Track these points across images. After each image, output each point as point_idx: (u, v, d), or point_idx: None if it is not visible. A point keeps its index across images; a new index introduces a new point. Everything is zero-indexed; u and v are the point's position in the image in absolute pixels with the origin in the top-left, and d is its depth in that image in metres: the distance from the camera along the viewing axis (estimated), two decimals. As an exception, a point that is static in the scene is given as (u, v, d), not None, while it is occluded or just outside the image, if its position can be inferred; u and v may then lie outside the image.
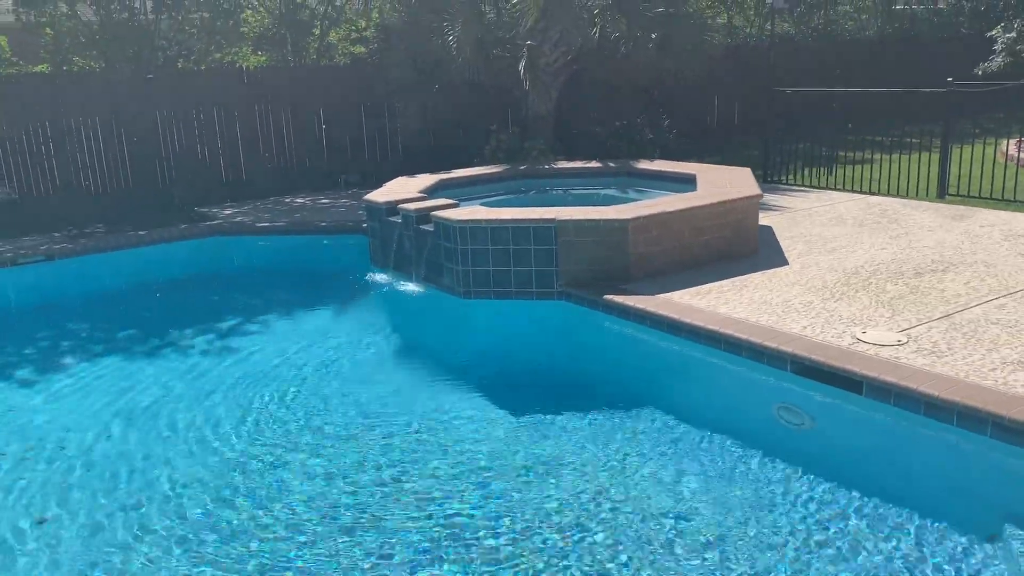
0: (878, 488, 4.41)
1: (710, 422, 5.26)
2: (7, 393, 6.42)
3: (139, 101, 11.65)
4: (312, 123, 12.97)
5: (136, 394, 6.19)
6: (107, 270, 9.04)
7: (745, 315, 5.88)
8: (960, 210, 9.20)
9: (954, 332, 5.39)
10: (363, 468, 4.97)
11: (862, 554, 3.93)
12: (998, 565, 3.80)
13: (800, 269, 7.05)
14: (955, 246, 7.61)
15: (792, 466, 4.70)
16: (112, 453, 5.31)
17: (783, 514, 4.30)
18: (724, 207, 7.43)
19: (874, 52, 18.51)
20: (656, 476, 4.73)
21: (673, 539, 4.12)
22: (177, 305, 8.60)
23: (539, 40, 11.15)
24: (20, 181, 11.05)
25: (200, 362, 6.83)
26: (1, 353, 7.31)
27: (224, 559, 4.11)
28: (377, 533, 4.26)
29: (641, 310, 6.17)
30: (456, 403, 5.83)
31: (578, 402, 5.73)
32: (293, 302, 8.43)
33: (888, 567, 3.84)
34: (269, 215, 10.43)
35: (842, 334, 5.43)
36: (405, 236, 7.95)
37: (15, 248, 9.04)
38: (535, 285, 7.04)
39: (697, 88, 13.84)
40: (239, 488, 4.79)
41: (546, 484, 4.69)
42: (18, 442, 5.54)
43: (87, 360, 7.02)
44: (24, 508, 4.69)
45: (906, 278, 6.66)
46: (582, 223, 6.91)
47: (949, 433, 4.44)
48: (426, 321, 7.78)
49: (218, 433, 5.48)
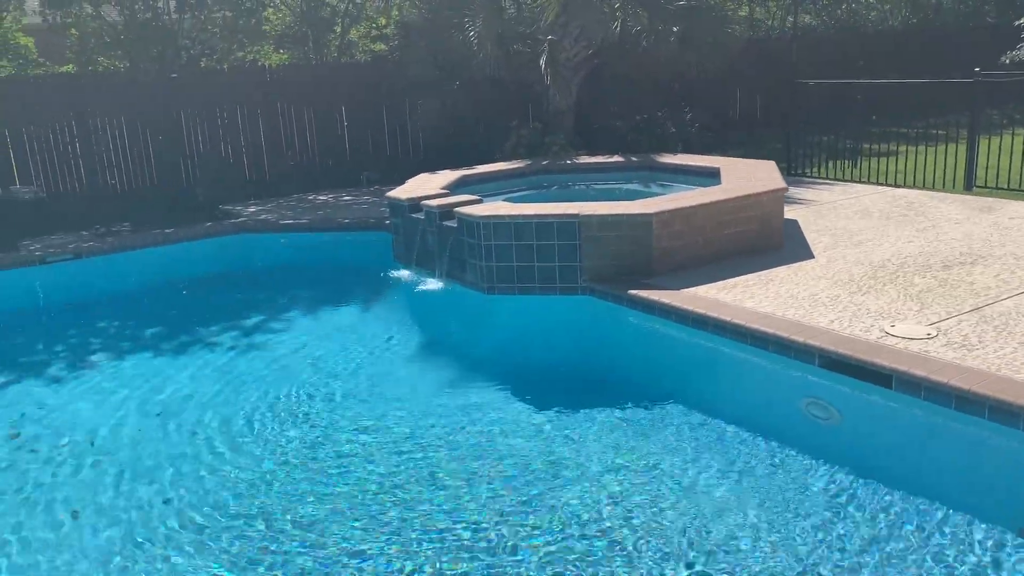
0: (908, 483, 4.38)
1: (736, 417, 5.24)
2: (38, 390, 6.50)
3: (163, 100, 11.76)
4: (334, 121, 13.03)
5: (166, 389, 6.26)
6: (134, 268, 9.13)
7: (771, 309, 5.84)
8: (988, 202, 9.09)
9: (985, 325, 5.33)
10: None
11: (891, 548, 3.90)
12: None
13: (826, 263, 7.00)
14: (984, 238, 7.52)
15: (820, 461, 4.68)
16: (147, 447, 5.37)
17: (809, 509, 4.27)
18: (749, 201, 7.39)
19: (898, 43, 18.31)
20: (681, 471, 4.72)
21: (697, 533, 4.11)
22: (204, 302, 8.68)
23: (560, 35, 11.13)
24: (47, 180, 11.18)
25: (228, 358, 6.89)
26: (31, 351, 7.41)
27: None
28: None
29: (667, 305, 6.15)
30: (480, 399, 5.85)
31: (602, 397, 5.73)
32: (318, 298, 8.48)
33: (919, 561, 3.81)
34: (292, 212, 10.49)
35: (870, 328, 5.38)
36: (428, 232, 7.96)
37: (44, 247, 9.15)
38: (559, 280, 7.03)
39: (719, 81, 13.75)
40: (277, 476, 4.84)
41: (569, 479, 4.69)
42: (50, 438, 5.61)
43: (117, 357, 7.10)
44: (58, 502, 4.76)
45: (934, 271, 6.59)
46: (606, 218, 6.89)
47: (981, 427, 4.39)
48: (450, 317, 7.79)
49: (251, 429, 5.54)
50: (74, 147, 11.34)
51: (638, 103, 12.59)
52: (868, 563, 3.82)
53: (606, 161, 10.43)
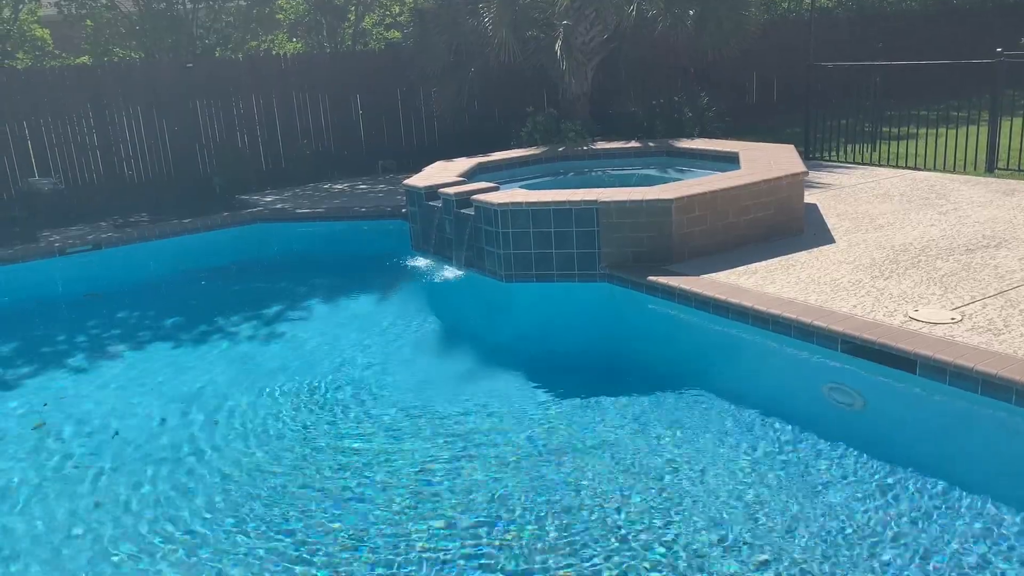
0: (934, 468, 4.34)
1: (758, 403, 5.21)
2: (60, 380, 6.55)
3: (179, 90, 11.77)
4: (349, 109, 13.01)
5: (186, 378, 6.29)
6: (153, 258, 9.18)
7: (793, 295, 5.80)
8: (1011, 184, 8.98)
9: (1010, 309, 5.27)
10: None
11: (916, 534, 3.87)
12: (1061, 546, 3.73)
13: (847, 247, 6.94)
14: (1007, 221, 7.43)
15: (843, 446, 4.64)
16: (172, 435, 5.40)
17: (832, 494, 4.25)
18: (769, 185, 7.33)
19: (916, 24, 18.09)
20: (702, 456, 4.70)
21: (720, 515, 4.10)
22: (223, 292, 8.71)
23: (575, 19, 11.04)
24: (65, 171, 11.23)
25: (249, 348, 6.92)
26: (52, 341, 7.47)
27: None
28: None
29: (687, 291, 6.12)
30: (501, 386, 5.84)
31: (623, 384, 5.71)
32: (336, 287, 8.50)
33: (944, 547, 3.78)
34: (309, 201, 10.49)
35: (893, 312, 5.34)
36: (445, 220, 7.95)
37: (63, 238, 9.20)
38: (577, 268, 7.01)
39: (735, 65, 13.61)
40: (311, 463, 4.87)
41: (594, 464, 4.68)
42: (72, 427, 5.65)
43: (137, 348, 7.14)
44: (81, 491, 4.79)
45: (957, 254, 6.52)
46: (624, 204, 6.85)
47: (1008, 412, 4.35)
48: (468, 305, 7.79)
49: (277, 417, 5.56)
50: (91, 138, 11.38)
51: (654, 88, 12.49)
52: (888, 548, 3.79)
53: (623, 147, 10.37)
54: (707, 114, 12.08)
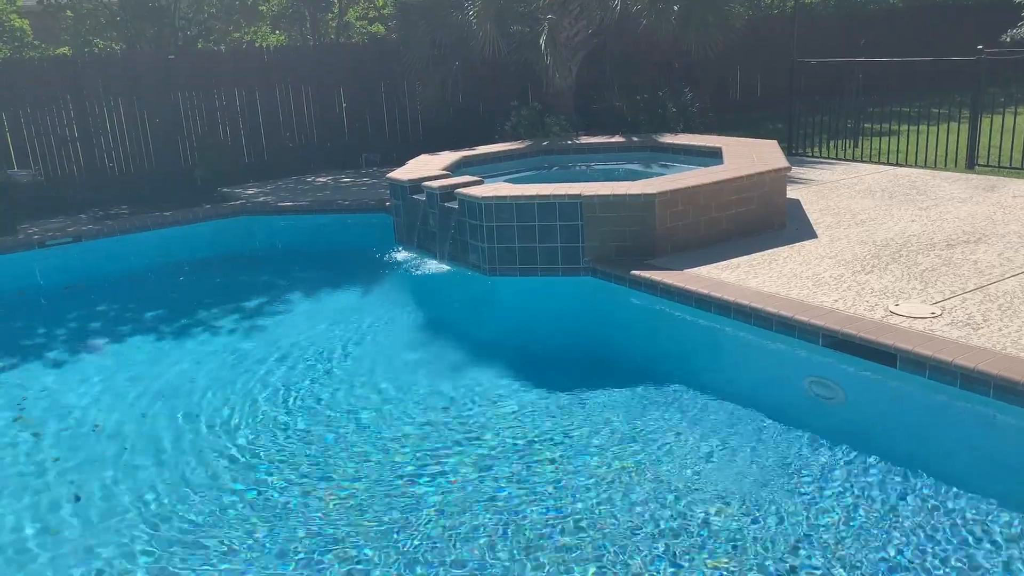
0: (913, 462, 4.37)
1: (740, 397, 5.23)
2: (40, 374, 6.48)
3: (160, 82, 11.66)
4: (332, 102, 12.94)
5: (168, 372, 6.25)
6: (133, 251, 9.09)
7: (775, 289, 5.83)
8: (991, 181, 9.06)
9: (989, 304, 5.32)
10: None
11: (895, 529, 3.90)
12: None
13: (829, 242, 6.98)
14: (987, 217, 7.50)
15: (823, 440, 4.67)
16: (152, 428, 5.37)
17: (812, 489, 4.27)
18: (752, 180, 7.35)
19: (898, 21, 18.20)
20: (682, 450, 4.72)
21: (696, 512, 4.11)
22: (204, 285, 8.65)
23: (559, 14, 11.03)
24: (45, 163, 11.11)
25: (229, 341, 6.87)
26: (31, 334, 7.39)
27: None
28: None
29: (669, 285, 6.14)
30: (483, 380, 5.84)
31: (605, 378, 5.72)
32: (319, 281, 8.45)
33: (923, 541, 3.81)
34: (292, 194, 10.44)
35: (874, 307, 5.37)
36: (429, 214, 7.93)
37: (42, 230, 9.11)
38: (561, 261, 7.01)
39: (719, 61, 13.63)
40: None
41: (574, 458, 4.69)
42: (53, 421, 5.60)
43: (117, 340, 7.08)
44: (62, 486, 4.76)
45: (938, 250, 6.57)
46: (608, 198, 6.86)
47: (986, 406, 4.39)
48: (451, 298, 7.77)
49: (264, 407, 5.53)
50: (72, 130, 11.26)
51: (638, 83, 12.49)
52: (868, 541, 3.82)
53: (607, 141, 10.39)
54: (691, 109, 12.12)
